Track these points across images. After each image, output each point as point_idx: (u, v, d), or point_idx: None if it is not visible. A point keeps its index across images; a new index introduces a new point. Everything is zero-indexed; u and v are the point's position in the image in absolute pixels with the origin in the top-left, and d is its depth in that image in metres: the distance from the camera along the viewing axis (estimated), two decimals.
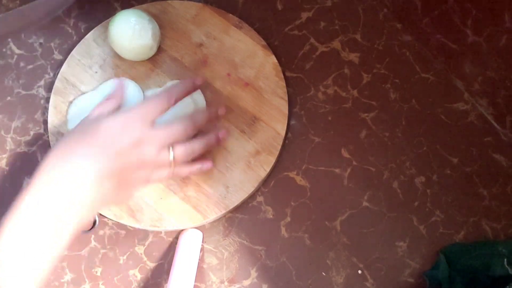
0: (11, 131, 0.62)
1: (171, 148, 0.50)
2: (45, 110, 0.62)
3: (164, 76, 0.61)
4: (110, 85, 0.60)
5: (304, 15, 0.64)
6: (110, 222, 0.59)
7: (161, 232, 0.58)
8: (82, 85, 0.61)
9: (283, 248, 0.57)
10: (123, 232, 0.58)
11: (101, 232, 0.59)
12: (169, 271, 0.56)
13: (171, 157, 0.50)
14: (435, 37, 0.62)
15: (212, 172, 0.58)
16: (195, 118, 0.53)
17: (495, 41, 0.57)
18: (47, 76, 0.64)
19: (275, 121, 0.59)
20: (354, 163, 0.60)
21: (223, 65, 0.61)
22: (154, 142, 0.49)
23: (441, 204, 0.58)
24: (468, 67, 0.61)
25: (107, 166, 0.46)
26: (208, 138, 0.55)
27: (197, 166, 0.55)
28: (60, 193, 0.44)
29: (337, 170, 0.59)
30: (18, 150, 0.61)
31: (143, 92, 0.61)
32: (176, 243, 0.57)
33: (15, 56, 0.65)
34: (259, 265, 0.57)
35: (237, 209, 0.58)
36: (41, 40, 0.65)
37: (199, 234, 0.57)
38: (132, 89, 0.60)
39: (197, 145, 0.53)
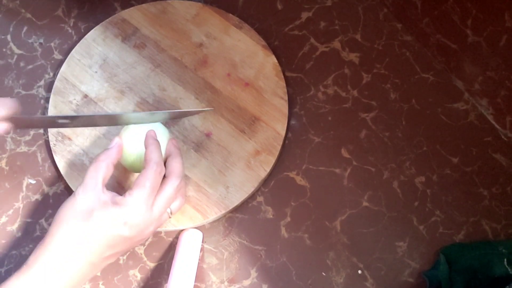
0: (11, 131, 0.62)
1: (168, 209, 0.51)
2: (45, 110, 0.62)
3: (164, 76, 0.61)
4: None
5: (304, 15, 0.64)
6: None
7: (161, 232, 0.58)
8: (82, 85, 0.61)
9: (283, 248, 0.57)
10: None
11: None
12: (169, 271, 0.56)
13: (170, 213, 0.51)
14: (435, 37, 0.62)
15: (212, 172, 0.58)
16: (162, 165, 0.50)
17: (495, 41, 0.57)
18: (47, 76, 0.64)
19: (275, 121, 0.59)
20: (354, 163, 0.60)
21: (223, 65, 0.61)
22: (156, 224, 0.49)
23: (441, 204, 0.58)
24: (468, 67, 0.61)
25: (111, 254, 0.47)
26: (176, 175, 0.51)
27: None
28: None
29: (337, 170, 0.59)
30: (18, 150, 0.61)
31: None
32: (176, 243, 0.57)
33: (15, 56, 0.65)
34: (259, 265, 0.57)
35: (237, 209, 0.58)
36: (41, 40, 0.65)
37: (199, 234, 0.57)
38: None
39: (182, 189, 0.52)
